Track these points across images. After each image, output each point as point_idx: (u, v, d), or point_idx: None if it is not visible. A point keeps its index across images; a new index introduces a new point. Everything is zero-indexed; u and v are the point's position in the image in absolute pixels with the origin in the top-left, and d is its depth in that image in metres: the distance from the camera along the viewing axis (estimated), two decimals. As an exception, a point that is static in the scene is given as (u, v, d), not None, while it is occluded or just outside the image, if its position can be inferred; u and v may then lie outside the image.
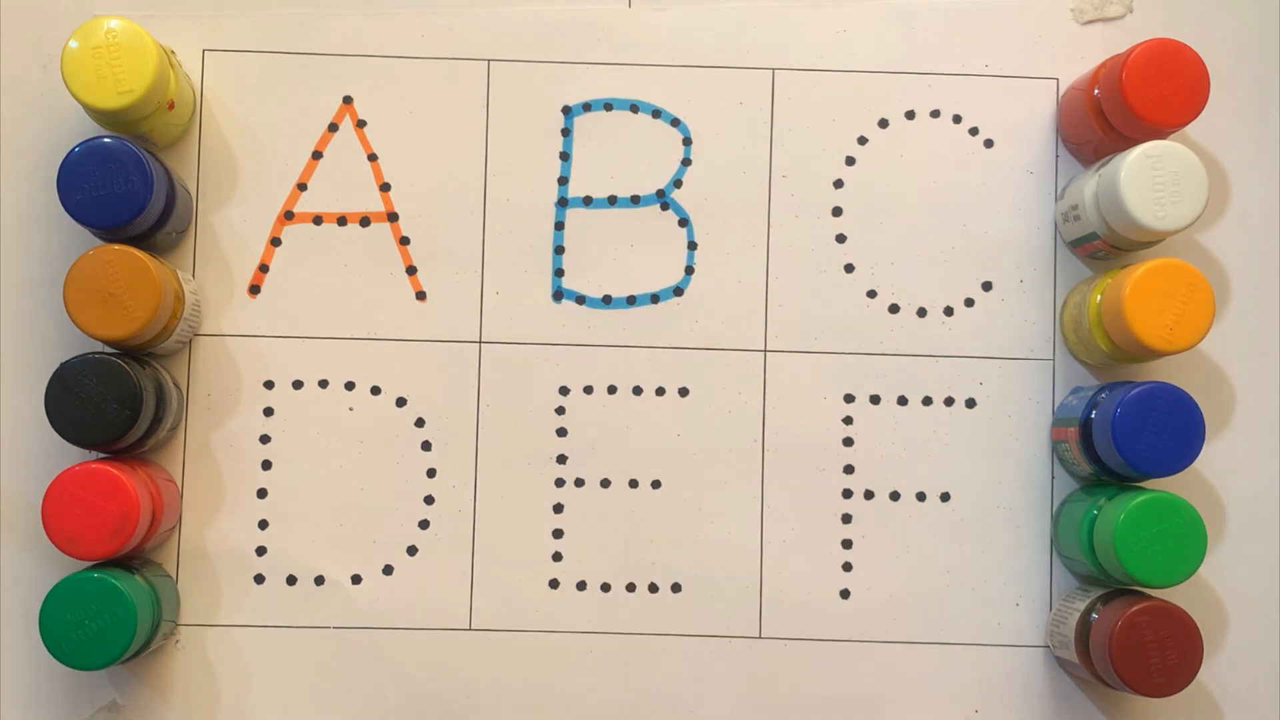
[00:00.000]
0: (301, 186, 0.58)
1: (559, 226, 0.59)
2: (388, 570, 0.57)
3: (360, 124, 0.58)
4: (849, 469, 0.58)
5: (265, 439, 0.58)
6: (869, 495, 0.58)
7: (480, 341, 0.58)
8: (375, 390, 0.58)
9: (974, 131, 0.59)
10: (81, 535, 0.52)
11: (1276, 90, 0.59)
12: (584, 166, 0.59)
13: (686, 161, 0.59)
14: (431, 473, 0.58)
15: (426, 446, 0.58)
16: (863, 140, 0.59)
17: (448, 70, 0.59)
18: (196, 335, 0.58)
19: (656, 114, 0.59)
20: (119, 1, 0.58)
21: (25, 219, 0.58)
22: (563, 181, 0.59)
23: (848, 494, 0.58)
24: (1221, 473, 0.58)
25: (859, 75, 0.59)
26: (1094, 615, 0.54)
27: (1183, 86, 0.54)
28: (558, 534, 0.58)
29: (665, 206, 0.59)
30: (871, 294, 0.59)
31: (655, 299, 0.58)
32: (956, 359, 0.58)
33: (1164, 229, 0.53)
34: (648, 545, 0.58)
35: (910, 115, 0.59)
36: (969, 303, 0.59)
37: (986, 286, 0.59)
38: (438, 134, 0.58)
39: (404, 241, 0.58)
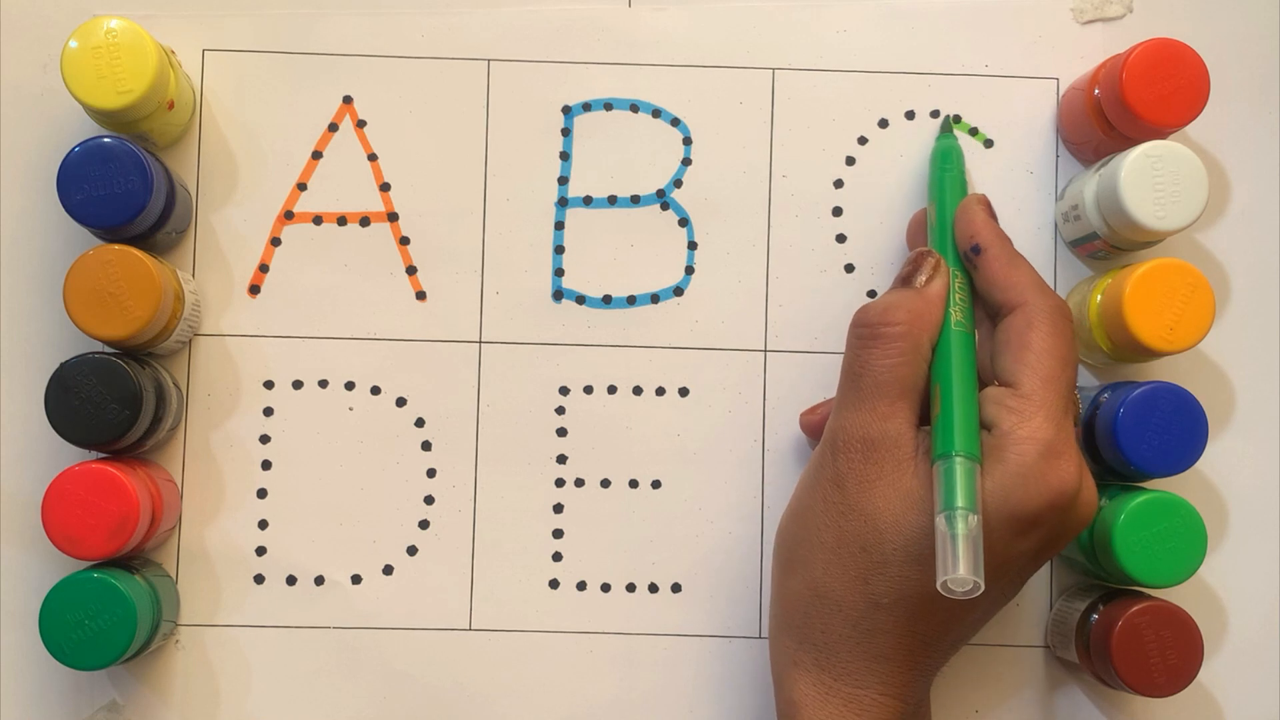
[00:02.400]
0: (301, 186, 0.58)
1: (559, 226, 0.59)
2: (388, 570, 0.57)
3: (360, 124, 0.58)
4: (849, 469, 0.58)
5: (265, 439, 0.58)
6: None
7: (480, 341, 0.58)
8: (375, 390, 0.58)
9: (974, 131, 0.59)
10: (81, 535, 0.52)
11: (1276, 90, 0.59)
12: (584, 166, 0.59)
13: (686, 161, 0.59)
14: (431, 473, 0.58)
15: (426, 446, 0.58)
16: (863, 140, 0.59)
17: (448, 70, 0.59)
18: (196, 335, 0.58)
19: (656, 114, 0.59)
20: (119, 1, 0.58)
21: (25, 219, 0.58)
22: (563, 181, 0.59)
23: (848, 494, 0.58)
24: (1222, 473, 0.58)
25: (859, 75, 0.59)
26: (1094, 615, 0.54)
27: (1183, 86, 0.54)
28: (558, 534, 0.58)
29: (665, 206, 0.59)
30: (871, 294, 0.59)
31: (655, 299, 0.58)
32: (956, 359, 0.58)
33: (1164, 229, 0.53)
34: (648, 545, 0.58)
35: (910, 115, 0.59)
36: (969, 303, 0.58)
37: (986, 286, 0.59)
38: (438, 134, 0.58)
39: (404, 241, 0.58)
